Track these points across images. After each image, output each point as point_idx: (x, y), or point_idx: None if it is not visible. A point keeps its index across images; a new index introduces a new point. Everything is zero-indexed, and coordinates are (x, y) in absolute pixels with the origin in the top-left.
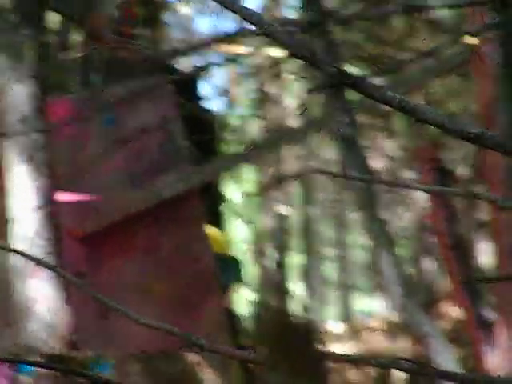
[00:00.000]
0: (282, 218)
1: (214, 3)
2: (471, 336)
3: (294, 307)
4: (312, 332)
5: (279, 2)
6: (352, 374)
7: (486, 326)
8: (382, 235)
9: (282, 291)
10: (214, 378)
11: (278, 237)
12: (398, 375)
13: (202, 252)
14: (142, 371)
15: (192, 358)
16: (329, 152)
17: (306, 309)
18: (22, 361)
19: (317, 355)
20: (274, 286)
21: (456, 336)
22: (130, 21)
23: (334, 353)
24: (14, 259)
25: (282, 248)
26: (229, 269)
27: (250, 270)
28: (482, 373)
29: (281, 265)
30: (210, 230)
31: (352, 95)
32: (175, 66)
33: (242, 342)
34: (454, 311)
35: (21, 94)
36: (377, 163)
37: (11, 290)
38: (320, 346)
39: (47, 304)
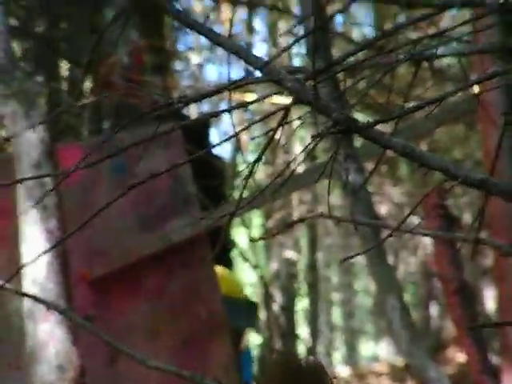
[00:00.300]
0: (288, 262)
1: (223, 51)
2: (476, 381)
3: (301, 350)
4: (321, 374)
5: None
6: None
7: (492, 371)
8: (388, 280)
9: (288, 335)
10: None
11: (285, 281)
12: None
13: (210, 295)
14: None
15: None
16: (335, 197)
17: (312, 352)
18: None
19: None
20: (280, 329)
21: (461, 381)
22: (141, 68)
23: None
24: (26, 303)
25: (289, 292)
26: (243, 312)
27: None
28: None
29: (287, 309)
30: (226, 274)
31: (359, 142)
32: (185, 112)
33: None
34: (459, 356)
35: (32, 140)
36: (383, 209)
37: (23, 333)
38: None
39: (56, 347)
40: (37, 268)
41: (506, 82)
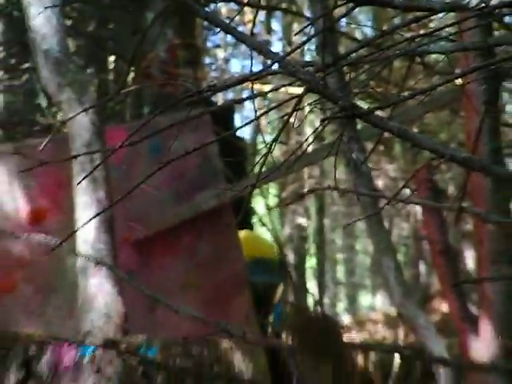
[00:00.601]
0: (299, 227)
1: (246, 48)
2: (458, 327)
3: (310, 302)
4: (336, 324)
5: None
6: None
7: (471, 320)
8: (384, 242)
9: (299, 289)
10: (243, 360)
11: (297, 243)
12: (396, 359)
13: (233, 256)
14: (183, 354)
15: (225, 344)
16: (340, 172)
17: (319, 303)
18: (85, 344)
19: (339, 343)
20: (292, 284)
21: (445, 327)
22: (175, 62)
23: (350, 341)
24: (79, 261)
25: (300, 252)
26: (277, 270)
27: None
28: (466, 358)
29: (298, 267)
30: (262, 239)
31: (361, 125)
32: (213, 99)
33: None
34: (444, 307)
35: (84, 123)
36: (380, 182)
37: (76, 286)
38: (342, 335)
39: (105, 298)
40: (88, 231)
41: (486, 75)
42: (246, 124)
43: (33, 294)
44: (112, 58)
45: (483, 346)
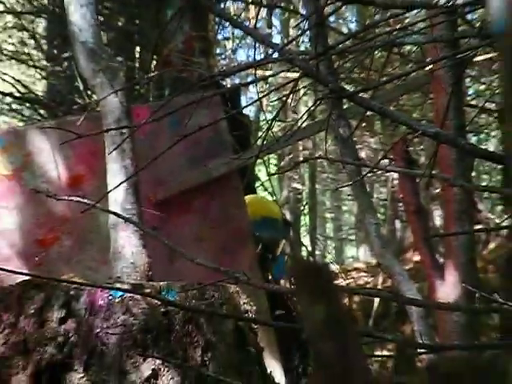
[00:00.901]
0: (295, 190)
1: (251, 39)
2: (427, 274)
3: (304, 254)
4: (329, 271)
5: (294, 37)
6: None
7: (438, 268)
8: (366, 203)
9: (295, 243)
10: (247, 302)
11: (292, 204)
12: (375, 301)
13: (239, 215)
14: (197, 297)
15: (232, 288)
16: (329, 145)
17: (312, 255)
18: (114, 288)
19: (332, 287)
20: (289, 239)
21: (417, 274)
22: (191, 51)
23: (341, 286)
24: (111, 218)
25: (295, 212)
26: (280, 228)
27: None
28: (434, 299)
29: (294, 224)
30: (268, 201)
31: (347, 104)
32: (222, 83)
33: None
34: (415, 257)
35: (114, 103)
36: (363, 153)
37: (108, 239)
38: (335, 281)
39: (131, 249)
40: (118, 193)
41: (452, 63)
42: (251, 104)
43: (72, 246)
44: (138, 49)
45: (448, 289)
